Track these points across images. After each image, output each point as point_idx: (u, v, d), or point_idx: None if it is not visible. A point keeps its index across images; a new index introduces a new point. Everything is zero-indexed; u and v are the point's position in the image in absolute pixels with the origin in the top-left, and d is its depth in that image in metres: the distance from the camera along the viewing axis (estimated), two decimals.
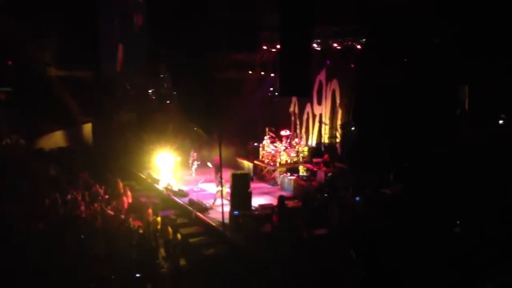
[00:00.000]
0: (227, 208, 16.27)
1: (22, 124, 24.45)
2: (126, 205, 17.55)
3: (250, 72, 23.32)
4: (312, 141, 21.75)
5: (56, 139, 25.03)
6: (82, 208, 16.31)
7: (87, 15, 22.98)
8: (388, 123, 16.82)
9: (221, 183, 17.32)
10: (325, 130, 20.75)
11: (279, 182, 20.59)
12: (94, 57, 25.62)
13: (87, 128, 26.39)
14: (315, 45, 19.20)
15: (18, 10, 23.29)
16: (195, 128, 23.66)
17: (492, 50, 14.52)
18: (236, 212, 16.03)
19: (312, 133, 21.78)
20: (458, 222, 12.40)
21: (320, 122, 21.07)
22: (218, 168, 20.75)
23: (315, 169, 19.35)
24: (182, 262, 13.66)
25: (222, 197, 16.68)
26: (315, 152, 20.88)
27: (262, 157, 21.85)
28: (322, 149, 20.76)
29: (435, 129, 16.09)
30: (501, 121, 15.85)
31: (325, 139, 20.71)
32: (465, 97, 16.26)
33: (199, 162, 21.70)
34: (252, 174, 20.74)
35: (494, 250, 11.31)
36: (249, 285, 12.24)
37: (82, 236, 14.31)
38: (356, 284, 11.20)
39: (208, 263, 13.55)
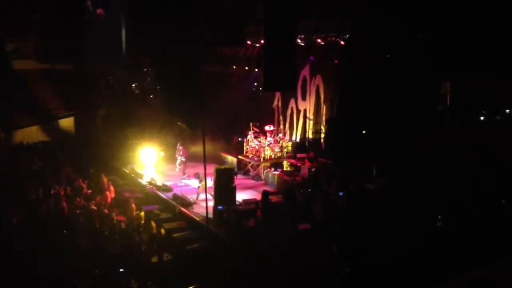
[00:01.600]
0: (211, 203, 16.27)
1: (0, 117, 24.15)
2: (109, 200, 17.46)
3: (234, 66, 23.28)
4: (297, 137, 21.82)
5: (37, 133, 24.80)
6: (65, 203, 16.19)
7: (70, 6, 22.71)
8: (371, 118, 16.94)
9: (204, 177, 17.26)
10: (310, 126, 20.82)
11: (263, 177, 20.65)
12: (77, 50, 25.33)
13: (70, 121, 26.17)
14: (299, 40, 19.20)
15: None
16: (178, 123, 23.58)
17: (474, 46, 14.67)
18: (220, 207, 16.03)
19: (297, 129, 21.84)
20: (439, 216, 12.52)
21: (305, 117, 21.13)
22: (187, 160, 20.88)
23: (299, 164, 19.43)
24: (166, 256, 13.61)
25: (206, 191, 16.65)
26: (299, 147, 20.95)
27: (246, 152, 21.88)
28: (306, 144, 20.83)
29: (417, 124, 16.24)
30: (482, 117, 16.06)
31: (310, 134, 20.79)
32: (447, 93, 16.43)
33: (184, 158, 21.67)
34: (236, 169, 20.75)
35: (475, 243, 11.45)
36: (233, 280, 12.25)
37: (65, 231, 14.19)
38: (338, 280, 11.27)
39: (192, 258, 13.53)
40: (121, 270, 12.11)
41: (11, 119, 24.20)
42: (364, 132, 17.63)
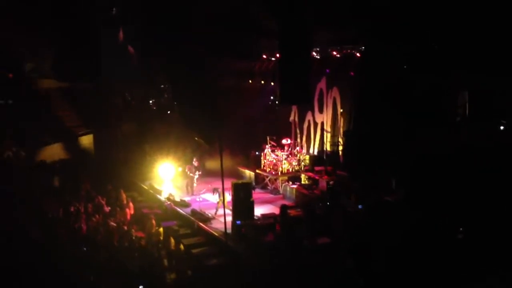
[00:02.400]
0: (229, 218, 16.23)
1: (22, 137, 24.48)
2: (128, 217, 17.53)
3: (250, 81, 23.35)
4: (314, 149, 21.73)
5: (58, 151, 25.03)
6: (84, 220, 16.30)
7: (86, 26, 23.05)
8: (389, 130, 16.80)
9: (222, 192, 17.26)
10: (327, 138, 20.73)
11: (281, 191, 20.57)
12: (94, 67, 25.64)
13: (89, 139, 26.38)
14: (314, 53, 19.23)
15: (16, 22, 23.34)
16: (196, 138, 23.64)
17: (493, 56, 14.52)
18: (238, 222, 15.99)
19: (314, 141, 21.76)
20: (461, 228, 12.33)
21: (322, 129, 21.04)
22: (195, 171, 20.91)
23: (316, 177, 19.32)
24: (185, 272, 13.57)
25: (224, 206, 16.63)
26: (316, 160, 20.85)
27: (264, 166, 21.84)
28: (324, 157, 20.73)
29: (436, 135, 16.07)
30: (502, 127, 15.82)
31: (327, 147, 20.68)
32: (465, 103, 16.25)
33: (200, 172, 21.68)
34: (253, 183, 20.73)
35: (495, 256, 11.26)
36: None
37: (85, 248, 14.26)
38: None
39: (211, 274, 13.48)
40: (140, 287, 12.09)
41: (32, 138, 24.51)
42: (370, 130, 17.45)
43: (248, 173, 22.47)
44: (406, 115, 16.41)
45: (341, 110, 19.85)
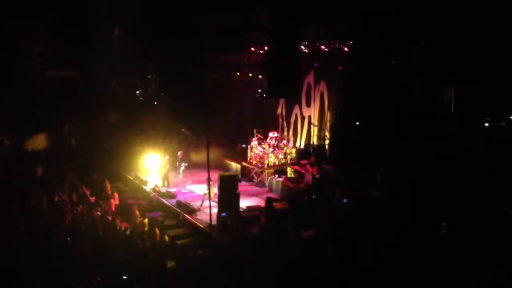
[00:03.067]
0: (215, 210, 16.25)
1: (6, 125, 24.23)
2: (113, 207, 17.46)
3: (238, 73, 23.30)
4: (301, 143, 21.78)
5: (42, 140, 24.83)
6: (68, 209, 16.22)
7: (75, 14, 22.83)
8: (375, 125, 16.90)
9: (208, 185, 17.28)
10: (314, 132, 20.78)
11: (267, 184, 20.61)
12: (81, 56, 25.48)
13: (74, 129, 26.19)
14: (302, 47, 19.21)
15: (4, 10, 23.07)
16: (182, 130, 23.60)
17: (479, 53, 14.64)
18: (223, 214, 16.01)
19: (301, 135, 21.80)
20: (444, 223, 12.46)
21: (309, 123, 21.09)
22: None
23: (302, 171, 19.39)
24: (170, 263, 13.56)
25: (210, 198, 16.66)
26: (303, 154, 20.91)
27: (250, 158, 21.87)
28: (311, 151, 20.79)
29: (421, 130, 16.19)
30: (486, 124, 15.99)
31: (314, 140, 20.74)
32: (451, 99, 16.38)
33: (186, 164, 21.64)
34: (240, 175, 20.75)
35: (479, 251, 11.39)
36: (236, 286, 12.22)
37: (68, 238, 14.19)
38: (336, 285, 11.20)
39: (195, 265, 13.48)
40: (124, 277, 12.07)
41: (16, 126, 24.28)
42: (357, 124, 17.52)
43: (235, 166, 22.48)
44: (393, 111, 16.52)
45: (328, 104, 19.90)
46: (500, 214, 12.91)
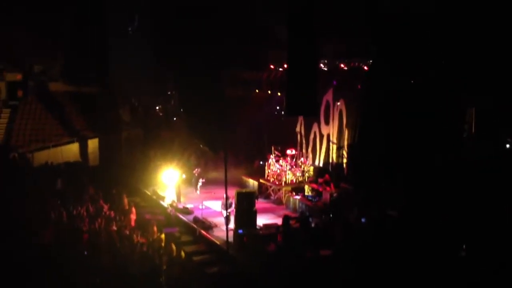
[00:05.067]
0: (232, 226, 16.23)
1: (28, 138, 24.64)
2: (133, 223, 17.53)
3: (257, 90, 23.40)
4: (320, 161, 21.71)
5: (63, 153, 25.15)
6: (86, 223, 16.31)
7: (95, 31, 23.28)
8: (394, 144, 16.79)
9: (226, 201, 17.24)
10: (333, 150, 20.72)
11: (284, 202, 20.53)
12: (102, 72, 25.86)
13: (94, 143, 26.50)
14: (322, 65, 19.28)
15: (27, 26, 23.60)
16: (201, 146, 23.72)
17: (499, 72, 14.53)
18: (240, 231, 15.97)
19: (320, 153, 21.73)
20: (464, 246, 12.27)
21: (328, 141, 21.03)
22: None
23: (320, 189, 19.29)
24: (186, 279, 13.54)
25: (227, 215, 16.63)
26: (321, 171, 20.83)
27: (268, 175, 21.84)
28: (329, 169, 20.70)
29: (441, 151, 16.05)
30: (508, 145, 15.79)
31: (333, 158, 20.66)
32: (471, 120, 16.22)
33: (204, 180, 21.69)
34: (257, 192, 20.70)
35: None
36: None
37: (86, 252, 14.26)
38: None
39: (212, 282, 13.46)
40: None
41: (37, 139, 24.67)
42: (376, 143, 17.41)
43: (252, 182, 22.45)
44: (412, 130, 16.42)
45: (346, 123, 19.86)
46: None
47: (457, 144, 16.04)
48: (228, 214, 16.74)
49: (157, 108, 27.54)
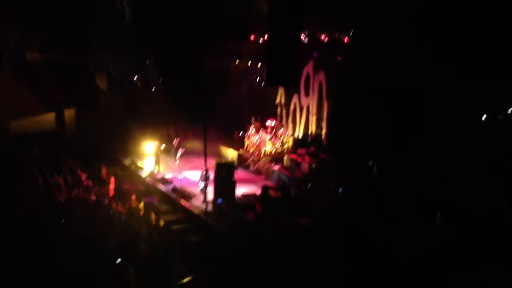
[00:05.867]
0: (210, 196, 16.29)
1: (4, 107, 24.17)
2: (111, 192, 17.45)
3: (237, 61, 23.23)
4: (299, 132, 21.78)
5: (39, 123, 24.78)
6: (64, 192, 16.21)
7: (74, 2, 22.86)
8: (373, 116, 16.91)
9: (206, 171, 17.25)
10: (312, 122, 20.79)
11: (263, 172, 20.61)
12: (79, 41, 25.41)
13: (71, 113, 26.16)
14: (302, 36, 19.17)
15: None
16: (180, 116, 23.55)
17: (480, 49, 14.62)
18: (219, 200, 16.04)
19: (299, 124, 21.79)
20: (439, 214, 12.52)
21: (308, 113, 21.08)
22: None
23: (299, 159, 19.40)
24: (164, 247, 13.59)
25: (205, 185, 16.65)
26: (300, 143, 20.92)
27: (247, 146, 21.85)
28: (308, 140, 20.80)
29: (419, 123, 16.22)
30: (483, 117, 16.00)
31: (312, 130, 20.75)
32: (450, 95, 16.37)
33: (183, 150, 21.59)
34: (236, 163, 20.74)
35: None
36: (230, 272, 12.27)
37: (63, 220, 14.19)
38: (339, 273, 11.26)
39: (190, 250, 13.53)
40: (119, 260, 12.09)
41: (14, 109, 24.23)
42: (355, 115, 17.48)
43: (231, 153, 22.46)
44: (391, 103, 16.53)
45: (326, 94, 19.89)
46: (496, 207, 12.94)
47: (437, 118, 16.20)
48: (205, 183, 16.76)
49: (136, 78, 27.15)
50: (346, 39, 18.37)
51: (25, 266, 11.67)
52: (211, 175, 17.10)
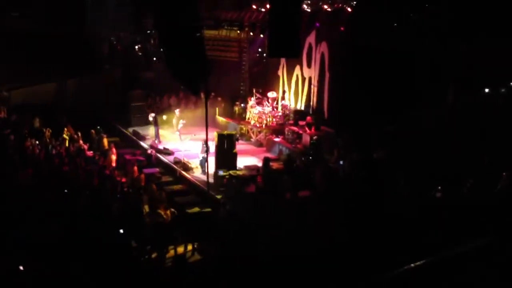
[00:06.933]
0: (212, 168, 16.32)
1: (5, 77, 24.05)
2: (114, 163, 17.50)
3: (239, 31, 22.99)
4: (301, 104, 21.69)
5: (41, 93, 24.72)
6: (66, 162, 16.23)
7: None
8: (376, 87, 16.82)
9: (206, 142, 17.22)
10: (314, 93, 20.67)
11: (264, 144, 20.62)
12: (79, 11, 25.14)
13: (73, 83, 26.06)
14: (305, 6, 18.93)
15: None
16: (181, 87, 23.44)
17: (481, 16, 14.45)
18: (220, 172, 16.07)
19: (301, 96, 21.69)
20: (439, 187, 12.55)
21: (310, 84, 20.95)
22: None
23: (300, 131, 19.37)
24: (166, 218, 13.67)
25: (207, 156, 16.65)
26: (302, 114, 20.85)
27: (248, 118, 21.81)
28: (310, 112, 20.72)
29: (421, 93, 16.16)
30: (487, 90, 15.92)
31: (314, 101, 20.65)
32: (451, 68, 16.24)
33: (184, 121, 21.57)
34: (237, 134, 20.73)
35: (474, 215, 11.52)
36: (231, 242, 12.40)
37: (65, 190, 14.24)
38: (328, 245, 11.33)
39: (192, 220, 13.62)
40: (121, 230, 12.18)
41: (16, 80, 24.12)
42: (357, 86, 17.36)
43: (233, 125, 22.43)
44: (394, 76, 16.43)
45: (329, 65, 19.72)
46: (492, 180, 12.95)
47: (438, 93, 16.11)
48: (206, 155, 16.78)
49: (136, 48, 26.96)
50: (349, 9, 18.11)
51: (27, 234, 11.75)
52: (212, 147, 17.10)
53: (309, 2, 19.09)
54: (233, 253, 11.71)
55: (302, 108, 21.52)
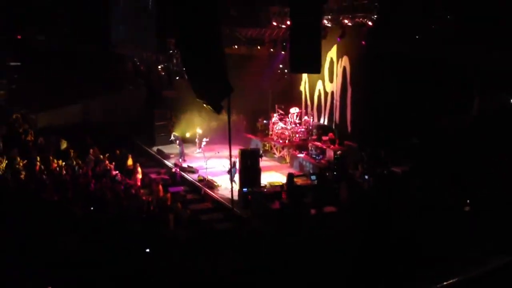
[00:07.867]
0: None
1: (31, 99, 24.51)
2: (139, 183, 17.63)
3: (260, 48, 23.10)
4: (324, 119, 21.64)
5: (65, 114, 25.06)
6: (92, 182, 16.39)
7: None
8: (399, 100, 16.69)
9: (230, 160, 17.25)
10: (336, 108, 20.61)
11: (288, 160, 20.57)
12: (103, 31, 25.57)
13: (97, 103, 26.38)
14: (325, 21, 18.96)
15: None
16: (204, 105, 23.56)
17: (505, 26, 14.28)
18: (245, 189, 16.06)
19: (324, 111, 21.63)
20: (468, 201, 12.34)
21: (332, 99, 20.90)
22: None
23: (324, 147, 19.29)
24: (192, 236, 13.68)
25: (231, 174, 16.68)
26: (325, 129, 20.78)
27: (271, 134, 21.81)
28: (333, 127, 20.65)
29: (445, 106, 15.97)
30: None
31: (337, 116, 20.58)
32: (476, 77, 16.04)
33: (208, 139, 21.66)
34: (261, 151, 20.72)
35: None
36: (257, 261, 12.32)
37: (92, 208, 14.36)
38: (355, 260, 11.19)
39: (218, 238, 13.60)
40: (147, 250, 12.20)
41: (40, 100, 24.54)
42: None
43: (256, 141, 22.45)
44: (417, 88, 16.29)
45: (350, 80, 19.66)
46: None
47: (463, 104, 15.90)
48: (233, 173, 16.79)
49: (159, 67, 27.26)
50: (370, 23, 18.07)
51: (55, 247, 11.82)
52: (236, 163, 17.13)
53: (329, 17, 19.11)
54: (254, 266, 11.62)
55: (325, 123, 21.44)
